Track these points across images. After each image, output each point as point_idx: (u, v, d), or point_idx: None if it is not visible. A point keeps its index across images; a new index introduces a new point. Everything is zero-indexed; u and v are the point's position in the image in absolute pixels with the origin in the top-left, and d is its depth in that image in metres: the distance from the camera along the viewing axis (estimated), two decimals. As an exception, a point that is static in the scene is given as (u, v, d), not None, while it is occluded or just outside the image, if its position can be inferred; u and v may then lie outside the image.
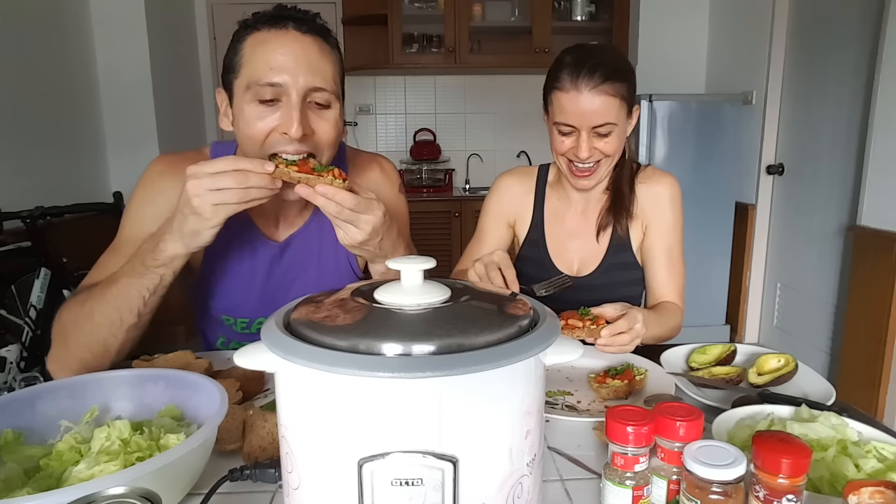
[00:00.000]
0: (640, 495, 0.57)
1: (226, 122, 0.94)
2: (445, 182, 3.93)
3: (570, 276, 1.23)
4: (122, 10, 3.00)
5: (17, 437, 0.66)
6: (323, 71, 0.87)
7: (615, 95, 1.07)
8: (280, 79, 0.84)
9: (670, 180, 1.24)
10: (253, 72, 0.85)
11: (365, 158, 1.16)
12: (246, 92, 0.86)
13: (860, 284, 2.28)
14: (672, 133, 3.10)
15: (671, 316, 1.16)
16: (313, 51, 0.87)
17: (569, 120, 1.09)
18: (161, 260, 0.83)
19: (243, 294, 1.06)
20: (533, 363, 0.47)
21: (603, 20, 3.74)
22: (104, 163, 3.08)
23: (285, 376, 0.46)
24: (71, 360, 0.88)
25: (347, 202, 0.78)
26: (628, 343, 0.94)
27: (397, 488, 0.43)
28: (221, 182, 0.75)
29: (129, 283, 0.85)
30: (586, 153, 1.10)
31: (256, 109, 0.86)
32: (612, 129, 1.10)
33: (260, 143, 0.87)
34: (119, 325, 0.86)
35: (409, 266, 0.51)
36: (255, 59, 0.85)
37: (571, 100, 1.08)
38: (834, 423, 0.69)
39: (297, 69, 0.84)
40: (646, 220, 1.23)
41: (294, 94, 0.85)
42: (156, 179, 0.99)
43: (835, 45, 2.63)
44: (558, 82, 1.10)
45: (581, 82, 1.06)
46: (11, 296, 2.11)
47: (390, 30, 3.61)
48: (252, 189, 0.76)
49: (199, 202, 0.76)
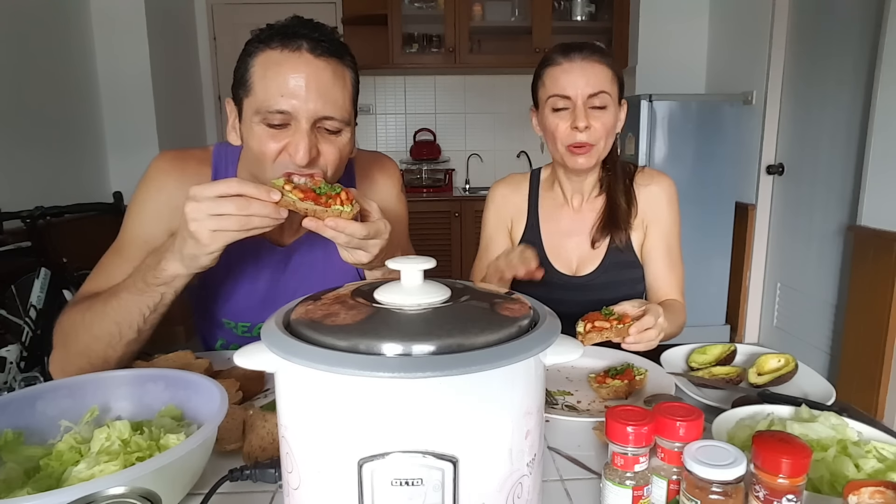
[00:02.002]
0: (640, 495, 0.57)
1: (234, 137, 0.92)
2: (445, 182, 3.93)
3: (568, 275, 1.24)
4: (122, 10, 3.00)
5: (17, 437, 0.66)
6: (334, 98, 0.85)
7: (608, 67, 1.12)
8: (289, 106, 0.82)
9: (667, 181, 1.25)
10: (263, 95, 0.83)
11: (367, 158, 1.15)
12: (255, 114, 0.84)
13: (860, 284, 2.28)
14: (672, 133, 3.10)
15: (678, 313, 1.17)
16: (326, 76, 0.84)
17: (564, 90, 1.11)
18: (162, 279, 0.81)
19: (246, 299, 1.06)
20: (533, 363, 0.47)
21: (603, 20, 3.75)
22: (104, 163, 3.08)
23: (285, 376, 0.46)
24: (71, 367, 0.87)
25: (358, 233, 0.77)
26: (655, 338, 0.93)
27: (397, 488, 0.43)
28: (222, 207, 0.72)
29: (129, 298, 0.83)
30: (583, 121, 1.10)
31: (265, 132, 0.85)
32: (606, 102, 1.12)
33: (267, 163, 0.86)
34: (118, 339, 0.85)
35: (409, 266, 0.51)
36: (267, 81, 0.83)
37: (565, 70, 1.12)
38: (834, 423, 0.69)
39: (307, 97, 0.83)
40: (646, 221, 1.24)
41: (304, 122, 0.83)
42: (158, 177, 0.97)
43: (835, 46, 2.63)
44: (550, 61, 1.15)
45: (573, 54, 1.12)
46: (11, 296, 2.11)
47: (390, 30, 3.61)
48: (254, 217, 0.73)
49: (196, 227, 0.73)
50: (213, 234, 0.73)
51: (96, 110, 3.02)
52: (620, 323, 0.92)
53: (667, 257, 1.23)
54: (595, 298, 1.16)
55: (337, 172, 0.91)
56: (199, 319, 1.14)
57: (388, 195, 1.14)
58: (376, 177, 1.13)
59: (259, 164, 0.87)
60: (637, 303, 0.97)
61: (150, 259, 0.83)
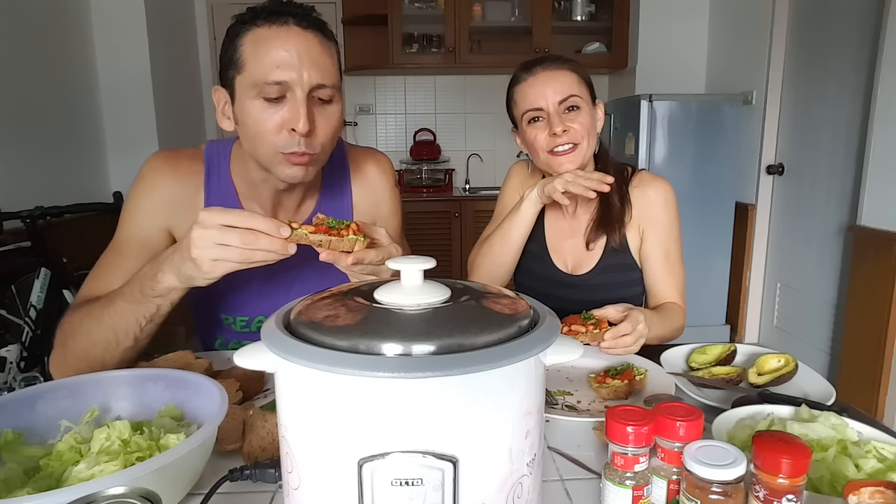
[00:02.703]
0: (640, 495, 0.57)
1: (226, 123, 0.92)
2: (445, 182, 3.93)
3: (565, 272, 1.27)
4: (122, 10, 3.00)
5: (17, 437, 0.66)
6: (326, 66, 0.87)
7: (572, 71, 1.15)
8: (286, 76, 0.84)
9: (663, 185, 1.24)
10: (258, 70, 0.84)
11: (362, 154, 1.16)
12: (250, 89, 0.85)
13: (860, 284, 2.28)
14: (672, 133, 3.10)
15: (674, 316, 1.17)
16: (315, 46, 0.86)
17: (534, 103, 1.14)
18: (158, 290, 0.81)
19: (242, 291, 1.06)
20: (533, 363, 0.47)
21: (603, 20, 3.75)
22: (104, 163, 3.08)
23: (285, 376, 0.46)
24: (70, 368, 0.88)
25: (376, 260, 0.79)
26: (632, 344, 0.97)
27: (397, 488, 0.43)
28: (229, 238, 0.71)
29: (126, 307, 0.83)
30: (560, 126, 1.12)
31: (262, 107, 0.85)
32: (577, 103, 1.14)
33: (268, 141, 0.86)
34: (115, 345, 0.86)
35: (409, 266, 0.51)
36: (259, 56, 0.84)
37: (531, 84, 1.15)
38: (834, 423, 0.69)
39: (301, 66, 0.84)
40: (642, 225, 1.23)
41: (299, 91, 0.84)
42: (151, 176, 0.98)
43: (835, 45, 2.63)
44: (516, 80, 1.19)
45: (535, 68, 1.16)
46: (11, 296, 2.11)
47: (390, 30, 3.61)
48: (258, 252, 0.72)
49: (198, 254, 0.72)
50: (214, 263, 0.73)
51: (96, 110, 3.02)
52: (597, 328, 0.97)
53: (665, 261, 1.22)
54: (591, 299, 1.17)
55: (330, 146, 0.92)
56: (198, 319, 1.14)
57: (382, 190, 1.15)
58: (370, 172, 1.14)
59: (257, 143, 0.88)
60: (621, 307, 1.00)
61: (147, 268, 0.83)
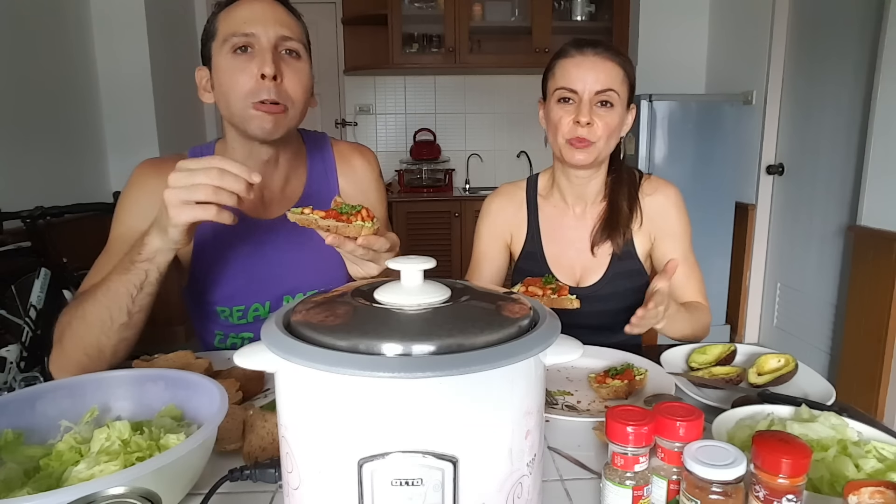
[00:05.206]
0: (640, 495, 0.57)
1: (207, 96, 1.01)
2: (445, 182, 3.93)
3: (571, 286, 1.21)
4: (122, 10, 2.99)
5: (17, 437, 0.66)
6: (291, 25, 0.98)
7: (619, 66, 1.11)
8: (252, 29, 0.94)
9: (673, 190, 1.23)
10: (228, 28, 0.95)
11: (347, 147, 1.21)
12: (222, 46, 0.95)
13: (860, 284, 2.28)
14: (672, 133, 3.10)
15: (700, 313, 1.15)
16: (280, 11, 0.98)
17: (573, 83, 1.10)
18: (145, 254, 0.85)
19: (235, 279, 1.07)
20: (533, 363, 0.47)
21: (603, 20, 3.74)
22: (104, 163, 3.07)
23: (285, 376, 0.46)
24: (69, 362, 0.89)
25: (382, 248, 0.81)
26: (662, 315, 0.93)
27: (397, 488, 0.43)
28: (196, 178, 0.76)
29: (117, 279, 0.87)
30: (587, 117, 1.09)
31: (233, 59, 0.95)
32: (613, 99, 1.10)
33: (239, 92, 0.94)
34: (110, 324, 0.87)
35: (409, 266, 0.51)
36: (229, 18, 0.96)
37: (577, 63, 1.11)
38: (834, 423, 0.69)
39: (266, 22, 0.95)
40: (653, 231, 1.21)
41: (265, 41, 0.94)
42: (140, 179, 1.03)
43: (835, 45, 2.63)
44: (563, 52, 1.14)
45: (586, 49, 1.11)
46: (11, 296, 2.10)
47: (390, 30, 3.61)
48: (223, 192, 0.76)
49: (169, 196, 0.77)
50: (181, 207, 0.77)
51: (96, 110, 3.01)
52: (556, 294, 0.99)
53: (684, 265, 1.19)
54: (600, 309, 1.14)
55: (301, 104, 0.99)
56: (196, 320, 1.14)
57: (369, 180, 1.19)
58: (355, 162, 1.19)
59: (231, 97, 0.95)
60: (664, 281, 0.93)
61: (136, 241, 0.88)
